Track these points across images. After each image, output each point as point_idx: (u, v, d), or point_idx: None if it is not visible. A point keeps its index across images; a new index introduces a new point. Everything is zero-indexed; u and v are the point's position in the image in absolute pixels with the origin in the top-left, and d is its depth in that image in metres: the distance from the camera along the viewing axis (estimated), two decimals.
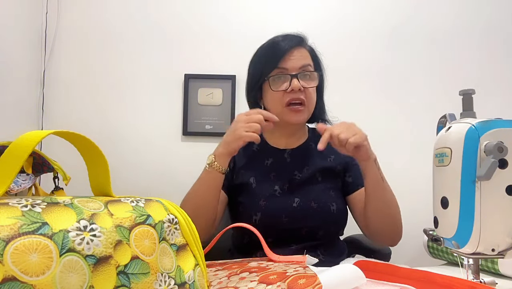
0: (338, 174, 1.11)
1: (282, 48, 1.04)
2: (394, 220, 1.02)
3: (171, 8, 1.90)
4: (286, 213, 1.03)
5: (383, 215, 1.01)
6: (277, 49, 1.05)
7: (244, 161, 1.12)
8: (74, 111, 1.86)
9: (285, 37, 1.08)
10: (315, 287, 0.46)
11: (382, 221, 1.02)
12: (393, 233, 1.05)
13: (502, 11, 1.92)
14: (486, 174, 0.55)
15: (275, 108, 1.06)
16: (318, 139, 1.16)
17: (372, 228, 1.05)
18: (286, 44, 1.05)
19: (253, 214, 1.03)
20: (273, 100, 1.06)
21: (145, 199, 0.48)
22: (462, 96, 0.65)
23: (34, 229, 0.34)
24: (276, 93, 1.04)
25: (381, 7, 1.91)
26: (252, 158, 1.13)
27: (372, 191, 0.99)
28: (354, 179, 1.11)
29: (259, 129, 0.95)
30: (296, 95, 1.03)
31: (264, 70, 1.06)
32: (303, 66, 1.05)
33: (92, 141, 0.44)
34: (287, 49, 1.04)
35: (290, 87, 1.02)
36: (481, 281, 0.61)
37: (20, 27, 1.71)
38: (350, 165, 1.13)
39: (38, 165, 0.95)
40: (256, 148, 1.14)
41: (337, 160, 1.12)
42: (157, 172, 1.84)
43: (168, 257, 0.45)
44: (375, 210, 1.01)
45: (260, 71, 1.07)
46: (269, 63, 1.05)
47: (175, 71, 1.87)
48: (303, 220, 1.03)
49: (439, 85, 1.88)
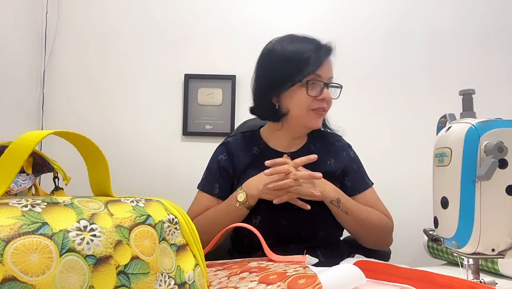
0: (337, 178, 1.11)
1: (320, 56, 1.06)
2: (376, 234, 1.09)
3: (171, 8, 1.90)
4: (286, 216, 1.03)
5: (363, 233, 1.08)
6: (316, 56, 1.05)
7: (245, 164, 1.11)
8: (74, 111, 1.86)
9: (321, 45, 1.08)
10: (315, 287, 0.46)
11: (362, 235, 1.09)
12: (377, 242, 1.13)
13: (502, 11, 1.92)
14: (486, 174, 0.55)
15: (300, 111, 1.06)
16: (317, 142, 1.17)
17: (357, 238, 1.11)
18: (325, 52, 1.07)
19: (253, 217, 1.03)
20: (302, 103, 1.05)
21: (145, 199, 0.48)
22: (462, 96, 0.65)
23: (34, 229, 0.34)
24: (308, 98, 1.05)
25: (380, 6, 1.91)
26: (252, 161, 1.11)
27: (340, 220, 1.06)
28: (352, 184, 1.12)
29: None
30: (323, 104, 1.06)
31: (300, 72, 1.04)
32: (331, 77, 1.08)
33: (92, 141, 0.44)
34: (325, 58, 1.06)
35: (322, 96, 1.05)
36: (481, 281, 0.61)
37: (20, 27, 1.72)
38: (349, 169, 1.13)
39: (38, 165, 0.95)
40: (257, 151, 1.13)
41: (337, 164, 1.12)
42: (157, 172, 1.84)
43: (168, 257, 0.45)
44: (351, 230, 1.09)
45: (293, 72, 1.05)
46: (309, 67, 1.04)
47: (175, 71, 1.87)
48: (303, 223, 1.03)
49: (439, 85, 1.88)
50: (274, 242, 0.91)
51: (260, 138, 1.16)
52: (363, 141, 1.25)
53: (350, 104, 1.85)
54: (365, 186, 1.12)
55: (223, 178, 1.11)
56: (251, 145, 1.14)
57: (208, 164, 1.17)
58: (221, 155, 1.14)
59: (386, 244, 1.15)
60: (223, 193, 1.10)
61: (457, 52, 1.90)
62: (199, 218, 1.06)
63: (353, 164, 1.15)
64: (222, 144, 1.17)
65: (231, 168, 1.11)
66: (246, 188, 1.02)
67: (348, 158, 1.15)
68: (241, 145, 1.14)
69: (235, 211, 1.02)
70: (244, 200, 1.01)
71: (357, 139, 1.29)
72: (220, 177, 1.12)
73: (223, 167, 1.12)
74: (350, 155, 1.16)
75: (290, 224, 1.03)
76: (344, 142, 1.19)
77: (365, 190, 1.12)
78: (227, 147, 1.15)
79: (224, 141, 1.18)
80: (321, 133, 1.19)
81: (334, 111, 1.18)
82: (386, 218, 1.10)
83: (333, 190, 1.03)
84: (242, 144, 1.15)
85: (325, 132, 1.19)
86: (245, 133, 1.19)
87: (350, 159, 1.15)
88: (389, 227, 1.10)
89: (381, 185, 1.20)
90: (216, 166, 1.13)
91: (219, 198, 1.10)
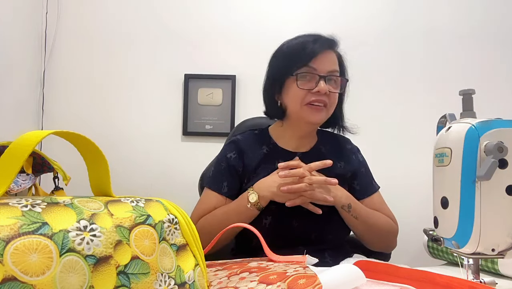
0: (346, 181, 1.11)
1: (314, 48, 1.03)
2: (383, 238, 1.10)
3: (171, 8, 1.90)
4: (297, 218, 1.02)
5: (370, 237, 1.09)
6: (309, 48, 1.03)
7: (255, 163, 1.09)
8: (74, 111, 1.86)
9: (319, 37, 1.06)
10: (315, 287, 0.46)
11: (370, 239, 1.10)
12: (383, 246, 1.14)
13: (502, 10, 1.92)
14: (486, 174, 0.55)
15: (295, 106, 1.04)
16: (327, 143, 1.16)
17: (364, 242, 1.12)
18: (320, 45, 1.03)
19: (263, 218, 1.02)
20: (295, 97, 1.03)
21: (145, 199, 0.48)
22: (462, 96, 0.65)
23: (34, 229, 0.34)
24: (300, 91, 1.02)
25: (380, 6, 1.91)
26: (262, 160, 1.10)
27: (349, 225, 1.07)
28: (361, 188, 1.12)
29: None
30: (320, 97, 1.02)
31: (292, 66, 1.03)
32: (331, 71, 1.04)
33: (92, 141, 0.44)
34: (320, 50, 1.03)
35: (317, 88, 1.01)
36: (481, 281, 0.61)
37: (20, 27, 1.71)
38: (358, 172, 1.13)
39: (38, 165, 0.95)
40: (266, 150, 1.11)
41: (347, 167, 1.12)
42: (157, 171, 1.84)
43: (168, 257, 0.45)
44: (359, 234, 1.09)
45: (286, 66, 1.05)
46: (300, 60, 1.03)
47: (175, 71, 1.87)
48: (313, 225, 1.03)
49: (439, 85, 1.88)
50: (283, 244, 0.91)
51: (270, 138, 1.14)
52: (363, 141, 1.25)
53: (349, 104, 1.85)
54: (372, 190, 1.13)
55: (232, 176, 1.09)
56: (261, 144, 1.12)
57: (216, 162, 1.14)
58: (231, 152, 1.11)
59: (391, 247, 1.16)
60: (231, 192, 1.08)
61: (457, 52, 1.90)
62: (207, 217, 1.05)
63: (362, 167, 1.15)
64: (232, 142, 1.14)
65: (240, 167, 1.09)
66: (258, 189, 1.00)
67: (357, 162, 1.15)
68: (251, 143, 1.12)
69: (245, 211, 1.00)
70: (256, 201, 0.99)
71: (357, 140, 1.29)
72: (229, 175, 1.09)
73: (232, 165, 1.09)
74: (359, 158, 1.16)
75: (300, 226, 1.02)
76: (354, 146, 1.19)
77: (372, 194, 1.12)
78: (237, 144, 1.12)
79: (234, 139, 1.15)
80: (331, 135, 1.18)
81: None
82: (392, 222, 1.11)
83: (345, 196, 1.03)
84: (252, 142, 1.13)
85: (335, 135, 1.18)
86: (254, 131, 1.17)
87: (359, 163, 1.15)
88: (395, 231, 1.11)
89: (381, 185, 1.20)
90: (225, 164, 1.10)
91: (228, 197, 1.08)
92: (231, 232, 1.01)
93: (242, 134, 1.16)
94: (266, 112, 1.16)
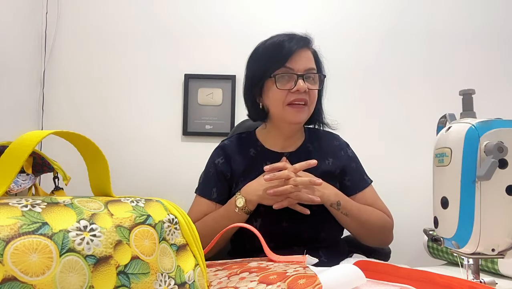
0: (336, 177, 1.11)
1: (290, 48, 1.03)
2: (377, 234, 1.09)
3: (171, 8, 1.90)
4: (286, 218, 1.03)
5: (364, 233, 1.08)
6: (285, 48, 1.03)
7: (243, 167, 1.10)
8: (74, 111, 1.86)
9: (292, 36, 1.06)
10: (315, 287, 0.46)
11: (364, 236, 1.09)
12: (378, 242, 1.14)
13: (502, 10, 1.92)
14: (486, 174, 0.55)
15: (277, 107, 1.05)
16: (315, 141, 1.16)
17: (358, 238, 1.11)
18: (294, 44, 1.04)
19: (253, 220, 1.03)
20: (276, 98, 1.04)
21: (145, 199, 0.48)
22: (462, 96, 0.65)
23: (34, 229, 0.34)
24: (279, 92, 1.03)
25: (380, 6, 1.91)
26: (250, 163, 1.10)
27: (341, 222, 1.06)
28: (352, 183, 1.12)
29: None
30: (300, 96, 1.03)
31: (269, 67, 1.04)
32: (308, 68, 1.05)
33: (92, 141, 0.44)
34: (295, 49, 1.03)
35: (296, 88, 1.01)
36: (481, 281, 0.61)
37: (20, 27, 1.71)
38: (349, 168, 1.13)
39: (38, 165, 0.94)
40: (253, 153, 1.12)
41: (336, 163, 1.12)
42: (157, 171, 1.84)
43: (168, 257, 0.45)
44: (353, 231, 1.08)
45: (264, 68, 1.05)
46: (276, 61, 1.03)
47: (175, 71, 1.87)
48: (304, 224, 1.03)
49: (439, 85, 1.88)
50: (276, 245, 0.91)
51: (257, 140, 1.15)
52: (363, 141, 1.25)
53: (348, 104, 1.85)
54: (364, 185, 1.12)
55: (221, 182, 1.10)
56: (248, 147, 1.13)
57: (205, 168, 1.16)
58: (218, 158, 1.13)
59: (387, 242, 1.15)
60: (221, 197, 1.09)
61: (457, 52, 1.90)
62: (198, 225, 1.05)
63: (352, 162, 1.14)
64: (219, 147, 1.16)
65: (228, 172, 1.11)
66: (245, 193, 1.01)
67: (347, 157, 1.14)
68: (238, 147, 1.13)
69: (234, 216, 1.01)
70: (243, 205, 1.00)
71: (356, 140, 1.29)
72: (217, 181, 1.11)
73: (220, 171, 1.11)
74: (348, 153, 1.16)
75: (291, 226, 1.03)
76: (342, 142, 1.18)
77: (364, 189, 1.12)
78: (223, 150, 1.14)
79: (221, 144, 1.17)
80: (318, 132, 1.18)
81: (334, 111, 1.18)
82: (386, 217, 1.10)
83: (333, 194, 1.02)
84: (239, 146, 1.14)
85: (322, 132, 1.18)
86: (241, 135, 1.18)
87: (349, 158, 1.15)
88: (390, 225, 1.10)
89: (381, 185, 1.20)
90: (213, 170, 1.12)
91: (218, 202, 1.09)
92: (226, 235, 1.01)
93: (229, 139, 1.18)
94: (249, 115, 1.16)
